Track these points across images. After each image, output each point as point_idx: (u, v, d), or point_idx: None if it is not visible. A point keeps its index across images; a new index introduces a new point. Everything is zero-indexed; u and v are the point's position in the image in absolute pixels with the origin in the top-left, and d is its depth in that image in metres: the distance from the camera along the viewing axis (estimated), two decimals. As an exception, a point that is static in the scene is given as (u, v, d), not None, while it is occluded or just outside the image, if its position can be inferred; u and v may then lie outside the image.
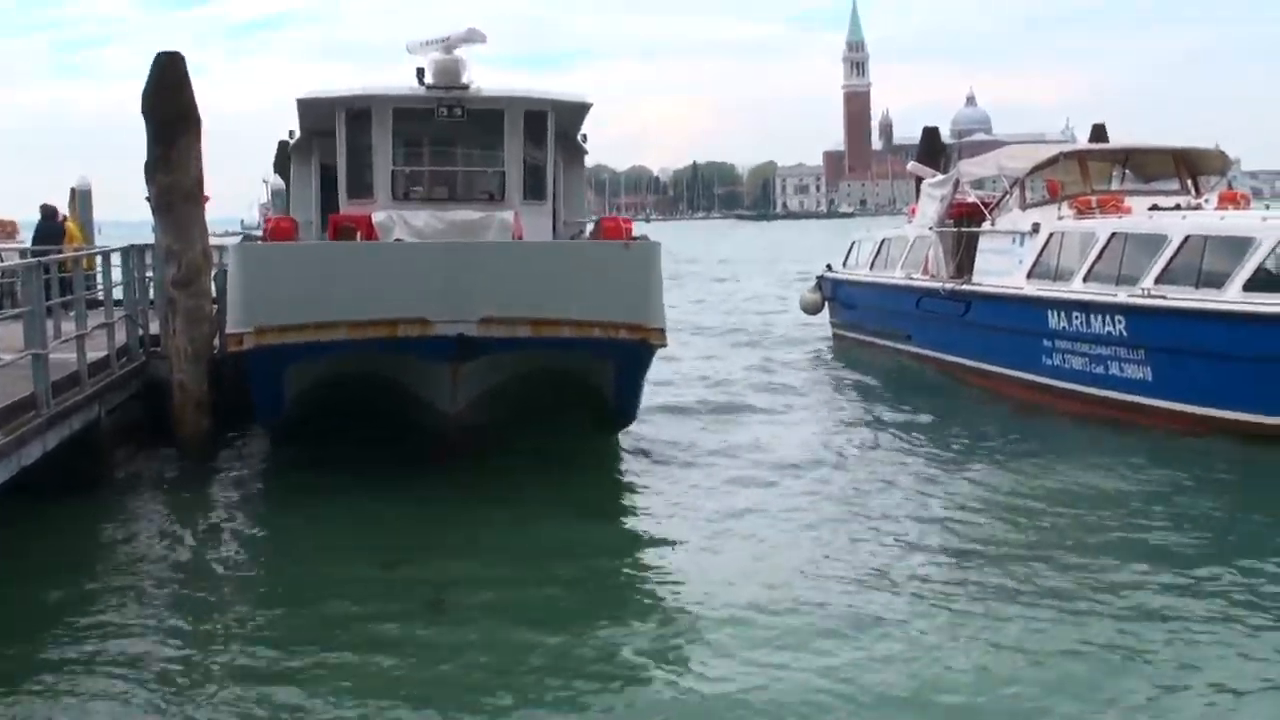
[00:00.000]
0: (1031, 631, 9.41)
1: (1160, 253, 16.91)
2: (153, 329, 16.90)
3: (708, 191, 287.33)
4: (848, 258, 29.12)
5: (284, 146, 18.71)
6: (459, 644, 9.51)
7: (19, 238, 26.03)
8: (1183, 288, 16.36)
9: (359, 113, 16.57)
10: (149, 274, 17.63)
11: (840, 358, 26.40)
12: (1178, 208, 18.93)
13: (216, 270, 17.28)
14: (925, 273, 23.69)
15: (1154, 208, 18.94)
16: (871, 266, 26.98)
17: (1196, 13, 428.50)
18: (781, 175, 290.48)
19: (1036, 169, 21.42)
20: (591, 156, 19.67)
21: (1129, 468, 14.51)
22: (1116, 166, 22.16)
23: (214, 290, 17.01)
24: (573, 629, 9.74)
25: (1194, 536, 11.82)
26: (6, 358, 12.19)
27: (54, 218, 23.29)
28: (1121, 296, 17.18)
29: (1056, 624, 9.58)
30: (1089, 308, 17.77)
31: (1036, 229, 19.96)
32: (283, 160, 19.00)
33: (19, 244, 24.19)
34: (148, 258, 17.55)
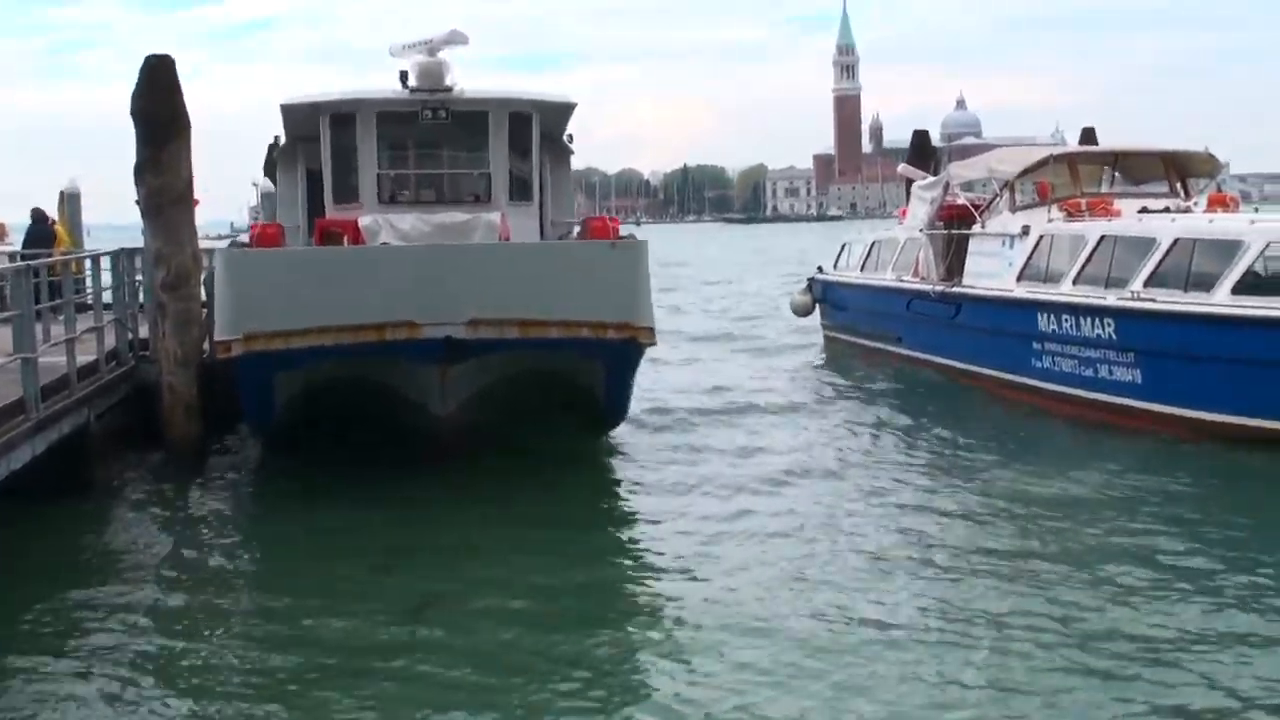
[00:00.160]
0: (1028, 640, 9.37)
1: (1149, 256, 16.94)
2: (142, 333, 16.87)
3: (698, 194, 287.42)
4: (838, 259, 29.14)
5: (273, 149, 18.69)
6: (443, 648, 9.51)
7: (8, 240, 25.97)
8: (1172, 291, 16.39)
9: (343, 117, 16.55)
10: (138, 278, 17.59)
11: (831, 360, 26.42)
12: (1167, 210, 18.99)
13: (206, 274, 17.25)
14: (916, 275, 23.72)
15: (1143, 210, 18.99)
16: (862, 268, 27.00)
17: (1187, 17, 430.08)
18: (772, 178, 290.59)
19: (1026, 171, 21.45)
20: (582, 159, 19.73)
21: (1118, 473, 14.47)
22: (1106, 169, 22.22)
23: (204, 294, 16.97)
24: (560, 633, 9.72)
25: (1180, 541, 11.78)
26: (-5, 361, 12.17)
27: (44, 222, 23.24)
28: (1111, 299, 17.21)
29: (1051, 628, 9.58)
30: (1078, 310, 17.80)
31: (1026, 231, 20.00)
32: (272, 163, 18.97)
33: (9, 247, 24.13)
34: (137, 261, 17.51)
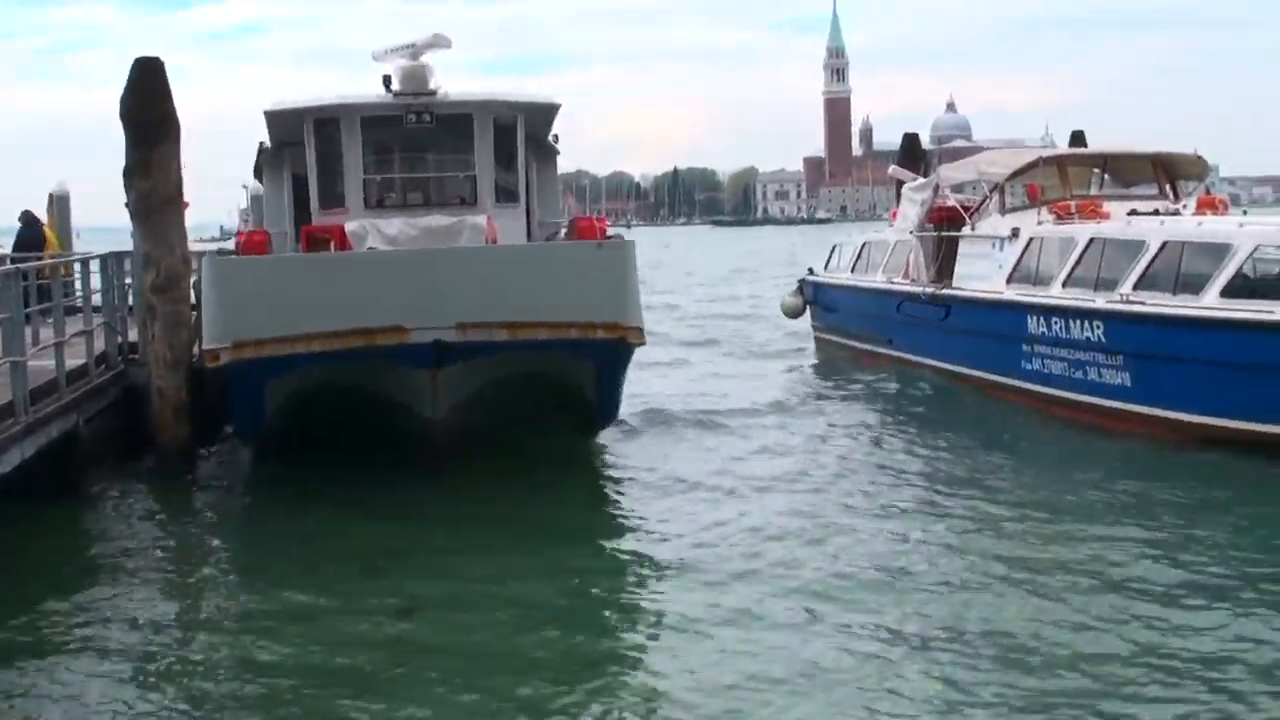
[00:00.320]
0: (1021, 640, 9.41)
1: (1138, 258, 16.97)
2: (131, 336, 16.82)
3: (689, 197, 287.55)
4: (829, 261, 29.14)
5: (261, 153, 18.66)
6: (431, 650, 9.53)
7: (-2, 243, 25.86)
8: (1161, 293, 16.42)
9: (327, 123, 16.52)
10: (128, 281, 17.54)
11: (821, 362, 26.43)
12: (1156, 213, 19.01)
13: (196, 277, 17.21)
14: (906, 277, 23.74)
15: (1133, 212, 19.02)
16: (853, 270, 27.01)
17: (1176, 20, 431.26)
18: (762, 181, 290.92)
19: (1016, 174, 21.48)
20: (572, 162, 19.83)
21: (1106, 477, 14.47)
22: (1095, 171, 22.26)
23: (193, 296, 16.94)
24: (549, 635, 9.75)
25: (1166, 546, 11.78)
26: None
27: (34, 224, 23.18)
28: (1100, 302, 17.24)
29: (1036, 627, 9.61)
30: (1068, 313, 17.82)
31: (1016, 234, 20.03)
32: (261, 167, 18.94)
33: (-2, 249, 24.03)
34: (126, 264, 17.47)
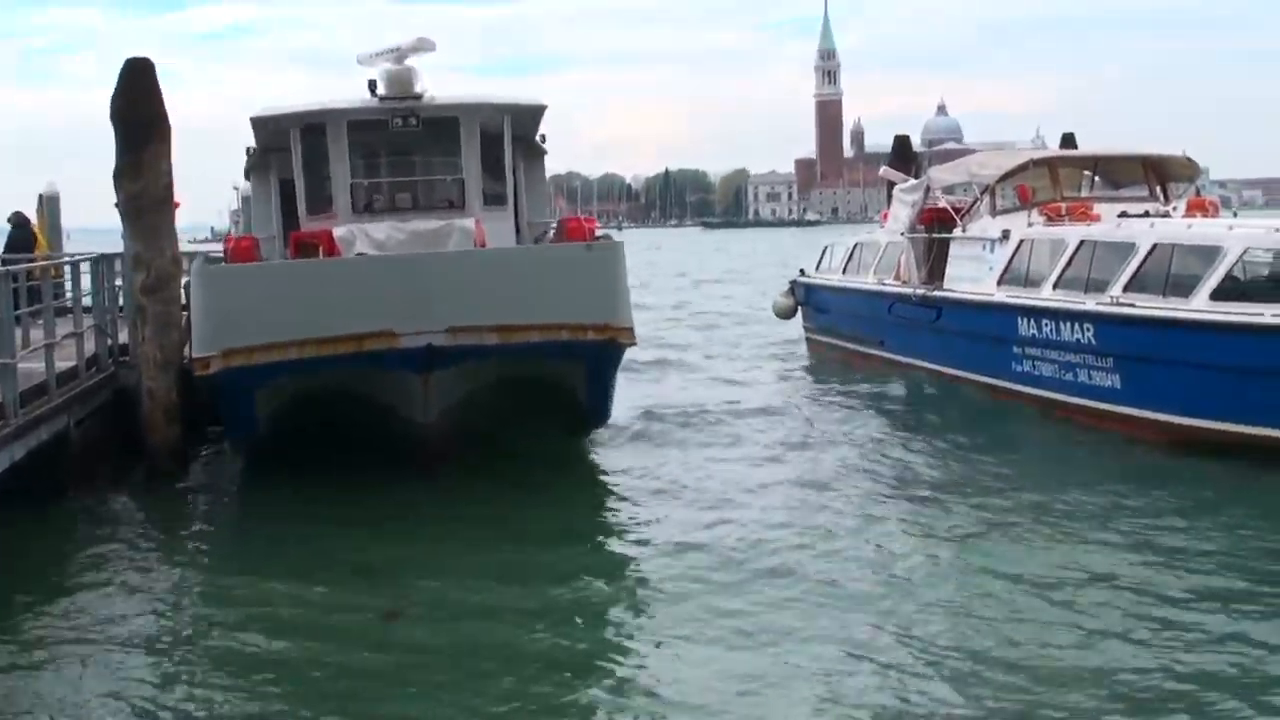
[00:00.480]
0: (1011, 643, 9.45)
1: (1128, 261, 17.01)
2: (122, 339, 16.78)
3: (680, 199, 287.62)
4: (820, 262, 29.14)
5: (250, 156, 18.63)
6: (416, 653, 9.54)
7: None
8: (1151, 296, 16.44)
9: (313, 128, 16.53)
10: (118, 282, 17.50)
11: (813, 364, 26.45)
12: (1146, 214, 19.05)
13: (188, 278, 17.16)
14: (898, 278, 23.76)
15: (1123, 214, 19.05)
16: (844, 271, 27.01)
17: (1166, 22, 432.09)
18: (754, 183, 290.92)
19: (1007, 176, 21.52)
20: (564, 163, 19.91)
21: (1095, 479, 14.49)
22: (1086, 173, 22.33)
23: (184, 297, 16.89)
24: (536, 641, 9.77)
25: (1159, 550, 11.82)
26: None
27: (24, 226, 23.10)
28: (1090, 304, 17.27)
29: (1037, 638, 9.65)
30: (1058, 315, 17.85)
31: (1007, 236, 20.06)
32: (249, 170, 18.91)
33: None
34: (117, 265, 17.43)
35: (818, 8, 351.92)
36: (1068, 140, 30.85)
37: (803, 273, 29.54)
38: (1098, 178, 22.20)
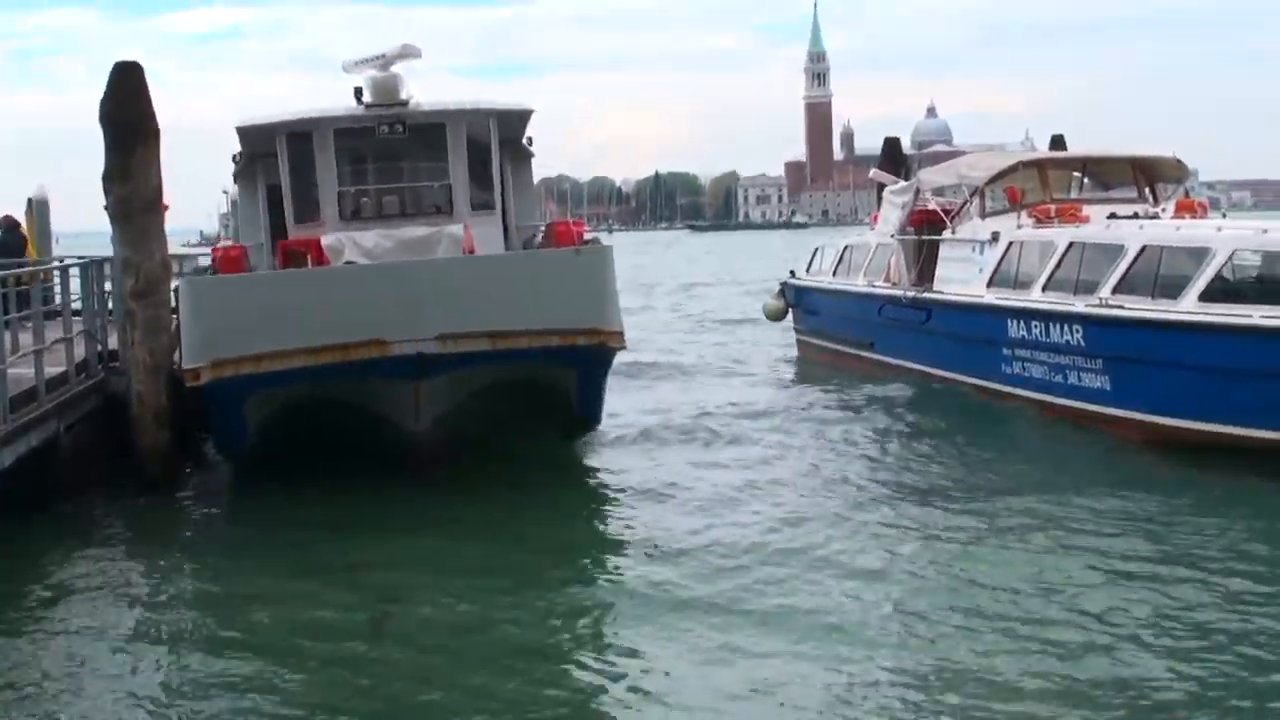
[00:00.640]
0: (1004, 643, 9.50)
1: (1117, 262, 17.05)
2: (111, 344, 16.72)
3: (670, 202, 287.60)
4: (810, 264, 29.17)
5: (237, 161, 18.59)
6: (395, 660, 9.54)
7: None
8: (1140, 297, 16.48)
9: (299, 136, 16.51)
10: (108, 287, 17.43)
11: (803, 366, 26.48)
12: (1135, 216, 19.10)
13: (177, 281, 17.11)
14: (887, 280, 23.78)
15: (1112, 216, 19.11)
16: (834, 273, 27.04)
17: (1156, 25, 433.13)
18: (744, 185, 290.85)
19: (996, 177, 21.55)
20: (554, 166, 19.89)
21: (1086, 481, 14.53)
22: (1075, 175, 22.36)
23: (174, 300, 16.86)
24: (522, 647, 9.77)
25: (1153, 554, 11.85)
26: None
27: (15, 230, 23.05)
28: (1079, 306, 17.30)
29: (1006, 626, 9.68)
30: (1047, 317, 17.89)
31: (996, 238, 20.09)
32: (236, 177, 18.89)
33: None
34: (106, 270, 17.36)
35: (808, 10, 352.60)
36: (1057, 142, 30.86)
37: (793, 274, 29.58)
38: (1087, 179, 22.24)
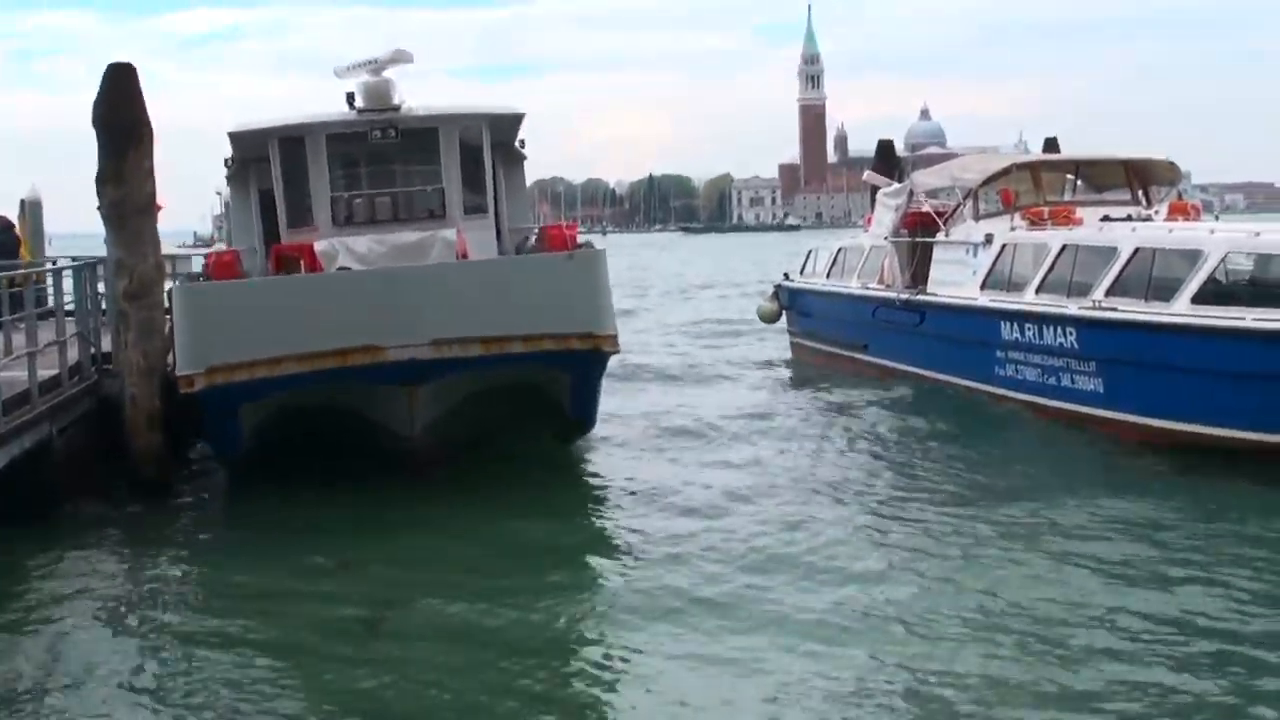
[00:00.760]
0: (1001, 643, 9.52)
1: (1110, 265, 17.07)
2: (105, 346, 16.69)
3: (664, 204, 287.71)
4: (804, 266, 29.18)
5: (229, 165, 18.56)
6: (392, 661, 9.53)
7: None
8: (1133, 300, 16.50)
9: (292, 142, 16.51)
10: (100, 288, 17.41)
11: (796, 369, 26.47)
12: (1129, 219, 19.13)
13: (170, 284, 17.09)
14: (881, 282, 23.79)
15: (1105, 218, 19.14)
16: (828, 275, 27.05)
17: (1149, 27, 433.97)
18: (737, 187, 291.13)
19: (990, 180, 21.58)
20: (548, 168, 19.93)
21: (1080, 482, 14.56)
22: (1069, 177, 22.38)
23: (167, 302, 16.83)
24: (517, 650, 9.74)
25: (1134, 551, 11.91)
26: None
27: (9, 230, 23.01)
28: (1072, 308, 17.32)
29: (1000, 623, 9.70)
30: (1041, 319, 17.91)
31: (990, 240, 20.12)
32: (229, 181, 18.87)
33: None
34: (99, 271, 17.34)
35: (802, 13, 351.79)
36: (1050, 144, 30.89)
37: (787, 277, 29.59)
38: (1080, 182, 22.27)
